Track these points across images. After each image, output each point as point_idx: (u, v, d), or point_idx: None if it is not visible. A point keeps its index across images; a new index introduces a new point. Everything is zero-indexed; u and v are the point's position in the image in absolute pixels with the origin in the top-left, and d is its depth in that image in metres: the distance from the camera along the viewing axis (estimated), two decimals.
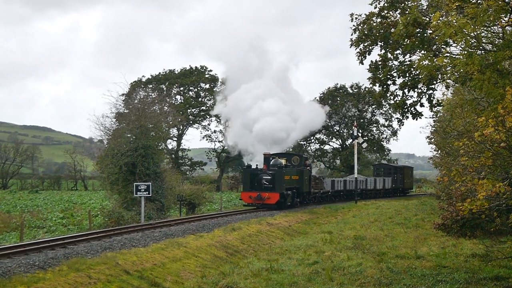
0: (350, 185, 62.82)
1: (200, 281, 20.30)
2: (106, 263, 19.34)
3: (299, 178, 47.73)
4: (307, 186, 49.90)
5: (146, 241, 24.63)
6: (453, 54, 18.14)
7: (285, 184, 44.81)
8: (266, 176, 44.13)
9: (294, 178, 46.88)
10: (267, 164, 44.69)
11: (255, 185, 44.37)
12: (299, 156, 51.64)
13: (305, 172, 48.89)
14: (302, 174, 48.13)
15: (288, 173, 45.68)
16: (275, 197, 43.54)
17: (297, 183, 47.52)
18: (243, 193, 45.44)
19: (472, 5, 16.11)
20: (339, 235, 32.62)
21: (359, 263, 22.72)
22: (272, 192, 43.62)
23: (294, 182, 47.04)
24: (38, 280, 16.24)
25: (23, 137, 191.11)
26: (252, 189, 44.39)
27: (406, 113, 25.90)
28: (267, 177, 44.06)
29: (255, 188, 44.30)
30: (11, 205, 62.90)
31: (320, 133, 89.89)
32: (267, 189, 43.91)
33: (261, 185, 44.09)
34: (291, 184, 46.25)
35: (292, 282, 19.93)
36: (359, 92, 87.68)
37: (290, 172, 46.41)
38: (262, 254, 27.07)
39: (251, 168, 46.33)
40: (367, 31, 26.76)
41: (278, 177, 43.95)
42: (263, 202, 43.64)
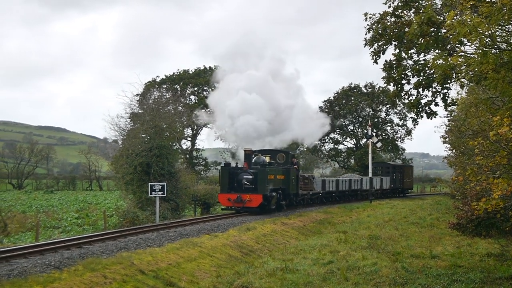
0: (344, 185, 58.13)
1: (215, 280, 20.33)
2: (121, 263, 19.40)
3: (285, 178, 42.45)
4: (295, 186, 44.44)
5: (161, 241, 24.67)
6: (468, 53, 18.09)
7: (269, 184, 39.36)
8: (247, 175, 38.51)
9: (279, 178, 41.55)
10: (248, 162, 39.21)
11: (235, 186, 38.74)
12: (285, 153, 45.77)
13: (292, 171, 43.49)
14: (288, 173, 42.80)
15: (272, 172, 40.32)
16: (257, 200, 37.87)
17: (283, 184, 42.10)
18: (220, 194, 39.43)
19: (487, 4, 16.07)
20: (353, 234, 32.59)
21: (374, 262, 22.71)
22: (254, 194, 37.92)
23: (280, 182, 41.63)
24: (54, 280, 16.31)
25: (38, 138, 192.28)
26: (231, 191, 38.66)
27: (421, 113, 25.89)
28: (248, 177, 38.45)
29: (235, 189, 38.61)
30: (26, 205, 63.15)
31: (334, 133, 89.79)
32: (248, 190, 38.24)
33: (241, 185, 38.46)
34: (276, 185, 40.73)
35: (307, 282, 19.94)
36: (373, 91, 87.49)
37: (275, 171, 41.05)
38: (276, 253, 27.07)
39: (229, 166, 40.18)
40: (381, 30, 26.76)
41: (260, 177, 38.31)
42: (243, 205, 38.01)
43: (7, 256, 19.08)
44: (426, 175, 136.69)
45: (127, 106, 44.80)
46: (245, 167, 39.04)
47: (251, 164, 39.36)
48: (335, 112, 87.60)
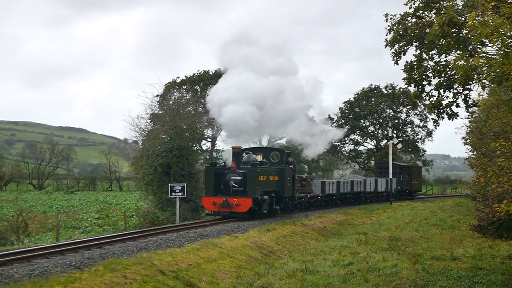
0: (345, 187, 53.52)
1: (235, 281, 20.34)
2: (141, 263, 19.45)
3: (279, 179, 37.96)
4: (290, 189, 39.81)
5: (181, 241, 24.70)
6: (489, 54, 18.01)
7: (260, 186, 34.85)
8: (235, 176, 34.37)
9: (272, 179, 37.11)
10: (236, 161, 34.93)
11: (221, 188, 34.60)
12: (280, 151, 41.21)
13: (288, 171, 38.98)
14: (283, 174, 38.22)
15: (264, 172, 35.77)
16: (246, 204, 33.64)
17: (276, 186, 37.61)
18: (205, 198, 34.83)
19: (508, 4, 15.99)
20: (374, 236, 32.54)
21: (394, 264, 22.65)
22: (242, 197, 33.77)
23: (273, 184, 37.15)
24: (75, 280, 16.37)
25: (59, 138, 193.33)
26: (218, 194, 34.60)
27: (442, 114, 25.73)
28: (237, 178, 34.30)
29: (221, 192, 34.52)
30: (47, 205, 63.51)
31: (354, 134, 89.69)
32: (236, 193, 34.16)
33: (228, 188, 34.32)
34: (268, 187, 36.32)
35: (327, 283, 19.90)
36: (394, 92, 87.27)
37: (267, 172, 36.50)
38: (296, 254, 27.07)
39: (216, 166, 36.27)
40: (402, 31, 26.64)
41: (250, 178, 34.04)
42: (230, 210, 33.68)
43: (28, 256, 19.16)
44: (446, 177, 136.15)
45: (148, 107, 45.03)
46: (233, 167, 34.74)
47: (240, 163, 35.09)
48: (355, 113, 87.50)
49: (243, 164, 35.29)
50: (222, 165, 36.89)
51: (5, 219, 40.62)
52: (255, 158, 36.86)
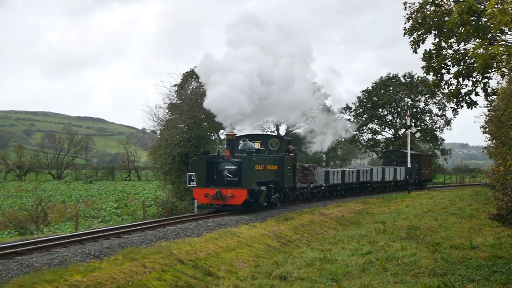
0: (350, 177, 50.76)
1: (254, 270, 20.36)
2: (160, 252, 19.50)
3: (278, 169, 35.35)
4: (290, 179, 37.02)
5: (200, 230, 24.74)
6: (509, 42, 17.91)
7: (257, 176, 32.16)
8: (229, 165, 31.70)
9: (271, 169, 34.49)
10: (231, 149, 32.27)
11: (215, 179, 31.94)
12: (279, 138, 38.56)
13: (288, 160, 36.23)
14: (282, 162, 35.53)
15: (261, 161, 33.09)
16: (241, 196, 30.93)
17: (275, 175, 35.00)
18: (196, 189, 32.02)
19: None
20: (392, 225, 32.48)
21: (413, 253, 22.59)
22: (237, 189, 31.06)
23: (271, 173, 34.57)
24: (94, 269, 16.44)
25: (77, 128, 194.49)
26: (210, 184, 31.87)
27: (461, 102, 25.60)
28: (231, 167, 31.62)
29: (215, 183, 31.80)
30: (66, 195, 63.88)
31: (372, 123, 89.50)
32: (230, 184, 31.45)
33: (222, 178, 31.65)
34: (266, 177, 33.65)
35: (346, 272, 19.89)
36: (412, 81, 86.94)
37: (265, 160, 33.84)
38: (315, 244, 27.07)
39: (208, 154, 33.01)
40: (420, 19, 26.50)
41: (245, 167, 31.33)
42: (224, 203, 30.92)
43: (48, 246, 19.26)
44: (465, 166, 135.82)
45: (166, 96, 45.09)
46: (227, 155, 32.04)
47: (234, 151, 32.63)
48: (373, 102, 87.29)
49: (239, 153, 32.90)
50: (215, 154, 33.70)
51: (24, 209, 40.90)
52: (252, 146, 34.30)
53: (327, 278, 19.16)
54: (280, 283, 18.23)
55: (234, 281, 17.87)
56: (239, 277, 19.08)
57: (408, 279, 18.63)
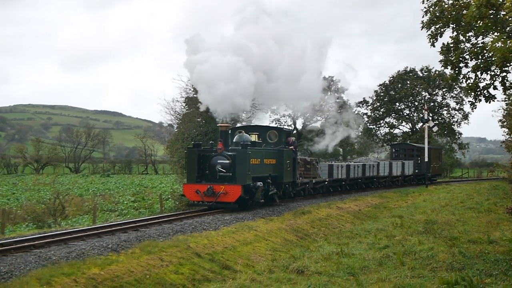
0: (356, 171, 48.12)
1: (271, 264, 20.36)
2: (177, 246, 19.55)
3: (276, 163, 32.87)
4: (290, 173, 34.35)
5: (217, 224, 24.77)
6: None
7: (253, 171, 29.84)
8: (222, 159, 29.50)
9: (268, 163, 32.01)
10: (224, 142, 30.16)
11: (207, 174, 29.83)
12: (278, 130, 35.78)
13: (287, 153, 33.67)
14: (281, 156, 33.05)
15: (257, 154, 30.77)
16: (234, 192, 28.63)
17: (274, 170, 32.57)
18: (186, 185, 29.75)
19: None
20: (409, 219, 32.40)
21: (430, 247, 22.52)
22: (230, 185, 28.83)
23: (269, 168, 32.10)
24: (112, 262, 16.50)
25: (95, 122, 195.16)
26: (202, 180, 29.79)
27: (479, 96, 25.50)
28: (224, 161, 29.41)
29: (207, 179, 29.69)
30: (83, 188, 64.07)
31: (389, 117, 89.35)
32: (223, 179, 29.29)
33: (215, 173, 29.44)
34: (262, 172, 31.27)
35: (363, 266, 19.87)
36: (430, 75, 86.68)
37: (262, 154, 31.48)
38: (332, 238, 27.06)
39: (199, 147, 30.85)
40: (438, 13, 26.43)
41: (240, 161, 29.12)
42: (216, 200, 28.63)
43: (66, 239, 19.37)
44: (482, 160, 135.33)
45: (183, 90, 45.02)
46: (219, 148, 29.90)
47: (228, 144, 30.50)
48: (391, 96, 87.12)
49: (234, 145, 30.89)
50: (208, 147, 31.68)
51: (42, 202, 41.02)
52: (248, 138, 31.76)
53: (344, 272, 19.14)
54: (297, 277, 18.22)
55: (251, 274, 17.89)
56: (256, 271, 19.10)
57: (426, 273, 18.58)
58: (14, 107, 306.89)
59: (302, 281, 17.55)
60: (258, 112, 66.52)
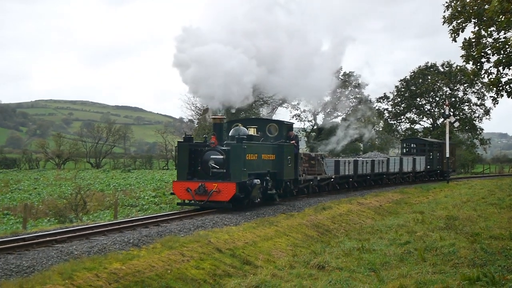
0: (364, 167, 45.70)
1: (292, 260, 20.35)
2: (198, 241, 19.56)
3: (276, 158, 30.53)
4: (291, 170, 32.05)
5: (238, 219, 24.77)
6: None
7: (249, 168, 27.39)
8: (216, 155, 27.16)
9: (266, 158, 29.62)
10: (218, 135, 27.77)
11: (199, 171, 27.48)
12: (278, 123, 33.24)
13: (287, 148, 31.32)
14: (281, 151, 30.71)
15: (254, 149, 28.23)
16: (228, 190, 26.12)
17: (272, 166, 30.23)
18: (176, 183, 27.40)
19: None
20: (430, 215, 32.25)
21: (452, 243, 22.40)
22: (224, 182, 26.39)
23: (267, 164, 29.74)
24: (133, 257, 16.54)
25: (115, 117, 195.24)
26: (194, 177, 27.47)
27: (501, 91, 25.39)
28: (217, 157, 27.05)
29: (199, 176, 27.37)
30: (104, 184, 64.28)
31: (410, 112, 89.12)
32: (217, 176, 26.95)
33: (208, 170, 27.08)
34: (260, 168, 28.95)
35: (384, 262, 19.82)
36: (451, 70, 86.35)
37: (259, 148, 28.97)
38: (353, 233, 27.01)
39: (191, 141, 28.62)
40: (460, 8, 26.33)
41: (234, 157, 26.73)
42: (208, 199, 26.14)
43: (87, 234, 19.43)
44: (504, 156, 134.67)
45: None
46: (212, 142, 27.47)
47: (222, 138, 28.33)
48: (412, 92, 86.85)
49: (231, 140, 28.38)
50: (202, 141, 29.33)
51: (64, 197, 41.25)
52: (245, 132, 29.18)
53: (365, 268, 19.11)
54: (318, 272, 18.20)
55: (272, 270, 17.88)
56: (277, 266, 19.09)
57: (447, 269, 18.50)
58: (35, 102, 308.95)
59: (323, 276, 17.53)
60: (277, 107, 66.13)
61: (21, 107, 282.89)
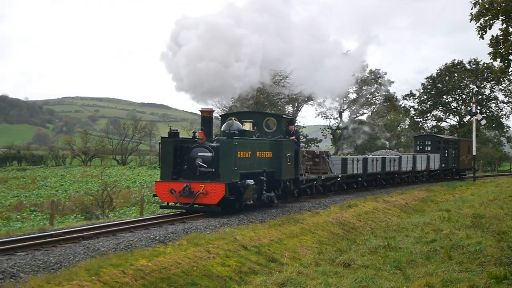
0: (374, 166, 42.53)
1: (317, 257, 20.35)
2: (224, 238, 19.60)
3: (273, 156, 27.38)
4: (291, 169, 28.65)
5: (263, 217, 24.77)
6: None
7: (241, 166, 24.37)
8: (203, 152, 24.06)
9: (262, 156, 26.51)
10: (206, 130, 24.66)
11: (185, 170, 24.41)
12: (277, 117, 29.93)
13: (286, 144, 28.11)
14: (279, 148, 27.53)
15: (247, 146, 25.18)
16: (217, 192, 23.16)
17: (269, 165, 27.03)
18: (158, 183, 24.60)
19: None
20: (457, 213, 32.10)
21: (478, 242, 22.31)
22: (212, 183, 23.40)
23: (263, 162, 26.59)
24: (159, 254, 16.60)
25: (141, 115, 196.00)
26: (179, 177, 24.56)
27: None
28: (205, 155, 23.97)
29: (186, 175, 24.35)
30: (130, 180, 64.59)
31: (437, 110, 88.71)
32: (205, 176, 23.91)
33: (194, 169, 23.99)
34: (254, 167, 25.87)
35: (410, 260, 19.78)
36: (477, 68, 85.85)
37: (253, 145, 25.91)
38: (378, 231, 26.96)
39: (177, 136, 25.64)
40: (487, 4, 26.13)
41: (224, 154, 23.75)
42: (194, 202, 23.32)
43: (114, 230, 19.55)
44: None
45: None
46: (200, 138, 24.25)
47: (212, 134, 25.50)
48: (438, 89, 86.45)
49: (223, 135, 25.22)
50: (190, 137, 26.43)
51: (90, 194, 41.46)
52: (238, 127, 26.11)
53: (391, 265, 19.10)
54: (344, 270, 18.19)
55: (297, 267, 17.88)
56: (303, 264, 19.10)
57: (474, 267, 18.43)
58: (62, 99, 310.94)
59: (349, 274, 17.52)
60: (303, 105, 65.98)
61: (47, 104, 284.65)
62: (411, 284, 16.31)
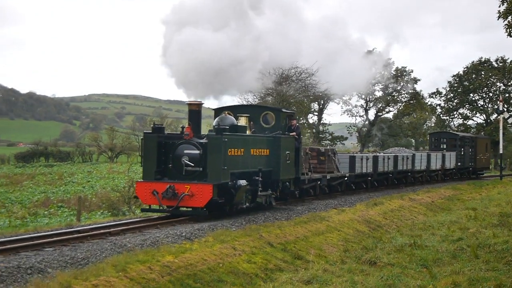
0: (385, 164, 39.53)
1: (343, 255, 20.37)
2: (250, 235, 19.63)
3: (271, 154, 24.87)
4: (291, 168, 26.16)
5: (289, 214, 24.79)
6: None
7: (231, 165, 21.85)
8: (190, 149, 21.66)
9: (257, 154, 24.00)
10: (193, 125, 22.33)
11: (170, 169, 21.91)
12: (275, 111, 26.98)
13: (285, 141, 25.63)
14: (277, 145, 24.99)
15: (239, 143, 22.71)
16: (204, 194, 20.74)
17: (266, 164, 24.61)
18: (140, 184, 22.03)
19: None
20: (483, 211, 31.93)
21: (505, 240, 22.19)
22: (199, 184, 21.02)
23: (258, 161, 24.13)
24: (185, 250, 16.65)
25: (167, 111, 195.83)
26: (163, 177, 21.99)
27: None
28: (192, 152, 21.57)
29: (171, 175, 21.90)
30: None
31: (463, 108, 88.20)
32: (191, 176, 21.54)
33: (180, 168, 21.54)
34: (248, 166, 23.41)
35: (436, 259, 19.73)
36: (505, 65, 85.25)
37: (247, 142, 23.48)
38: (404, 229, 26.90)
39: (162, 132, 23.06)
40: None
41: (212, 152, 21.30)
42: (178, 205, 21.04)
43: (140, 227, 19.65)
44: None
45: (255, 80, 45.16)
46: (186, 134, 21.83)
47: (200, 129, 23.02)
48: (465, 87, 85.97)
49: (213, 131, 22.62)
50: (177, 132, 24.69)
51: (117, 190, 41.62)
52: (231, 121, 23.75)
53: (417, 264, 19.07)
54: (370, 268, 18.20)
55: (323, 265, 17.92)
56: (328, 261, 19.13)
57: (501, 266, 18.36)
58: (88, 96, 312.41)
59: (375, 272, 17.53)
60: (329, 103, 65.81)
61: (74, 101, 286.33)
62: (438, 283, 16.28)
